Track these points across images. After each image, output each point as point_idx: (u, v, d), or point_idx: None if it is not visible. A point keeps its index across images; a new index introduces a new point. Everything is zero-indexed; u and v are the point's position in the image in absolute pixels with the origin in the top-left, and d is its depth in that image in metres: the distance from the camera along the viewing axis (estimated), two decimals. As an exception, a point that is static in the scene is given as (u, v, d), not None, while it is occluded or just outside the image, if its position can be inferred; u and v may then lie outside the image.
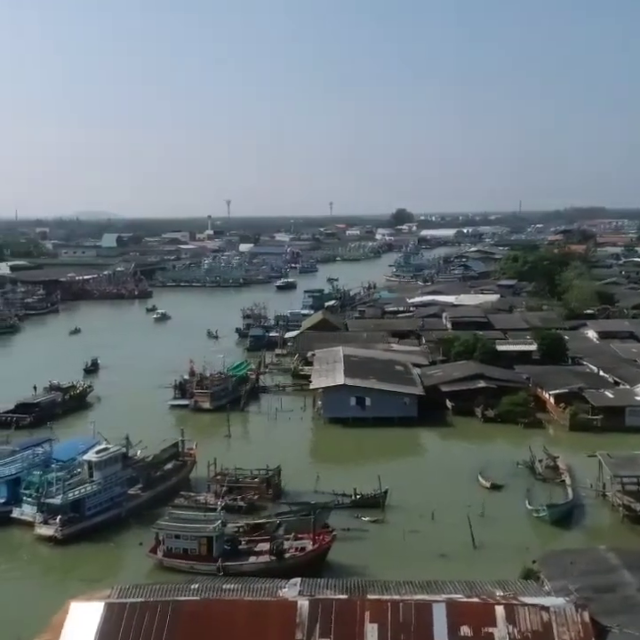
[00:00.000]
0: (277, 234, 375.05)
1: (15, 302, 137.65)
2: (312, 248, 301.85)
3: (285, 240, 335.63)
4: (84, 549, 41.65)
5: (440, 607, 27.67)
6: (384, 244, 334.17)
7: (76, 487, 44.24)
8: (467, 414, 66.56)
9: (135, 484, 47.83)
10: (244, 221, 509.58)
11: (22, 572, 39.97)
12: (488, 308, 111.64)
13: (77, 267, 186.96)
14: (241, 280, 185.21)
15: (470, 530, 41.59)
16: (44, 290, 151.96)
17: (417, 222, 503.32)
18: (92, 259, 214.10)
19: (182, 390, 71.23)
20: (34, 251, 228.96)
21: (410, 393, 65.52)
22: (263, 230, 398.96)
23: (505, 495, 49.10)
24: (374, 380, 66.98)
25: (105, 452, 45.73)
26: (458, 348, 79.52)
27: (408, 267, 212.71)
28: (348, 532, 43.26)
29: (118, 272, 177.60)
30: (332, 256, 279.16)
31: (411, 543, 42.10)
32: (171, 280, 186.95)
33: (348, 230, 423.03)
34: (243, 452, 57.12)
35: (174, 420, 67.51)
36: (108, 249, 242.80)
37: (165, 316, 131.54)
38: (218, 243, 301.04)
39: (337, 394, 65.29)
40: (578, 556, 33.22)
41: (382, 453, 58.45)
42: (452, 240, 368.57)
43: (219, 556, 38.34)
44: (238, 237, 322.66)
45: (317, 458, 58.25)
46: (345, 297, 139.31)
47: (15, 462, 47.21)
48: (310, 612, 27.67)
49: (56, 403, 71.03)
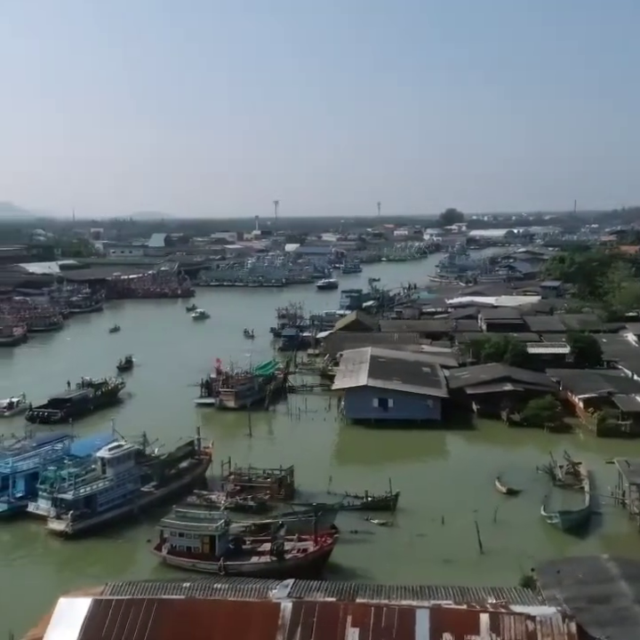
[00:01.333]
0: (325, 234, 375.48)
1: (60, 300, 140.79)
2: (358, 248, 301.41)
3: (332, 240, 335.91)
4: (93, 545, 42.34)
5: (423, 613, 27.31)
6: (431, 245, 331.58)
7: (89, 483, 44.95)
8: (492, 417, 65.57)
9: (149, 481, 48.42)
10: (293, 222, 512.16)
11: (32, 565, 40.87)
12: (527, 310, 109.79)
13: (124, 266, 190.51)
14: (283, 280, 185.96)
15: (477, 535, 40.96)
16: (90, 288, 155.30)
17: (467, 222, 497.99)
18: (138, 258, 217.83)
19: (208, 389, 71.91)
20: (83, 250, 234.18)
21: (433, 395, 64.85)
22: (311, 230, 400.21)
23: (520, 501, 48.18)
24: (398, 381, 66.48)
25: (118, 450, 46.42)
26: (488, 350, 78.40)
27: (452, 267, 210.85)
28: (355, 534, 43.11)
29: (162, 271, 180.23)
30: (378, 256, 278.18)
31: (416, 547, 41.68)
32: (214, 279, 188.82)
33: (396, 230, 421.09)
34: (262, 452, 57.41)
35: (199, 419, 68.12)
36: (155, 248, 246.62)
37: (204, 315, 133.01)
38: (264, 243, 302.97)
39: (359, 395, 65.04)
40: (577, 565, 32.42)
41: (402, 456, 58.06)
42: (502, 240, 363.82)
43: (221, 556, 38.52)
44: (284, 237, 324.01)
45: (336, 459, 58.05)
46: (383, 297, 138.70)
47: (33, 457, 48.15)
48: (293, 615, 27.61)
49: (87, 399, 72.48)
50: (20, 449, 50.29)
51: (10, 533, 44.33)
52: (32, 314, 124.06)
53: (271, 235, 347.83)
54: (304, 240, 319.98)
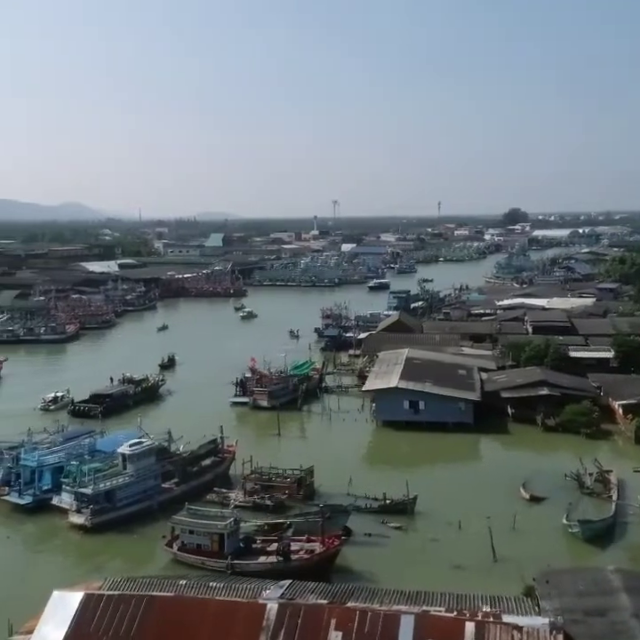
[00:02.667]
0: (384, 234, 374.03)
1: (115, 299, 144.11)
2: (415, 248, 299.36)
3: (390, 240, 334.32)
4: (111, 539, 43.17)
5: (408, 619, 26.99)
6: (491, 245, 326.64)
7: (110, 478, 45.88)
8: (527, 422, 64.10)
9: (171, 477, 49.09)
10: (353, 222, 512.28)
11: (50, 556, 42.03)
12: (578, 313, 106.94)
13: (180, 265, 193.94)
14: (336, 280, 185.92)
15: (491, 542, 40.16)
16: (145, 287, 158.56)
17: (531, 222, 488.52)
18: (195, 258, 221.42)
19: (243, 388, 72.45)
20: (143, 250, 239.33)
21: (464, 398, 63.83)
22: (371, 230, 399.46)
23: (544, 508, 46.97)
24: (430, 383, 65.66)
25: (138, 446, 47.20)
26: (528, 354, 76.73)
27: (509, 268, 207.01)
28: (369, 537, 42.82)
29: (216, 271, 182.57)
30: (435, 257, 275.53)
31: (429, 552, 41.16)
32: (267, 279, 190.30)
33: (457, 230, 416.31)
34: (288, 451, 57.62)
35: (232, 417, 68.89)
36: (212, 248, 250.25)
37: (252, 314, 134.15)
38: (322, 243, 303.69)
39: (390, 396, 64.50)
40: (579, 576, 31.42)
41: (429, 459, 57.40)
42: (566, 241, 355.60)
43: (230, 554, 38.73)
44: (341, 237, 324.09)
45: (362, 460, 57.65)
46: (432, 298, 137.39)
47: (59, 452, 49.41)
48: (278, 616, 27.63)
49: (127, 394, 74.06)
50: (49, 443, 51.69)
51: (34, 525, 45.62)
52: (85, 312, 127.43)
53: (329, 235, 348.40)
54: (361, 240, 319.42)
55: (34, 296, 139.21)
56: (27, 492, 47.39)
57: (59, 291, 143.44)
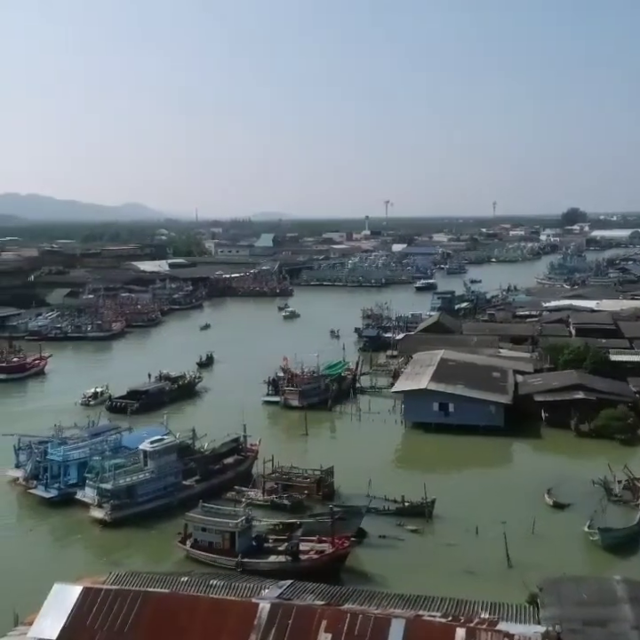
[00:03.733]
0: (437, 234, 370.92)
1: (163, 297, 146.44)
2: (467, 249, 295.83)
3: (443, 241, 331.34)
4: (129, 534, 43.87)
5: (399, 623, 26.76)
6: (547, 246, 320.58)
7: (131, 474, 46.65)
8: (561, 427, 62.61)
9: (193, 475, 49.62)
10: (407, 222, 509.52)
11: (69, 549, 42.92)
12: (627, 315, 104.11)
13: (229, 265, 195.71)
14: (383, 280, 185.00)
15: (506, 548, 39.48)
16: (193, 286, 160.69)
17: (590, 222, 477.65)
18: (245, 257, 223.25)
19: (275, 387, 72.76)
20: (194, 250, 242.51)
21: (495, 401, 62.81)
22: (424, 230, 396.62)
23: (567, 515, 45.85)
24: (462, 385, 64.82)
25: (159, 443, 47.86)
26: (566, 357, 75.08)
27: (562, 269, 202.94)
28: (383, 539, 42.56)
29: (264, 270, 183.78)
30: (487, 257, 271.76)
31: (443, 556, 40.60)
32: (315, 279, 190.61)
33: (512, 231, 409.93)
34: (314, 452, 57.67)
35: (263, 416, 69.29)
36: (262, 248, 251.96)
37: (294, 313, 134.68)
38: (373, 243, 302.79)
39: (419, 398, 63.89)
40: (584, 585, 30.62)
41: (455, 462, 56.65)
42: (626, 241, 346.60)
43: (241, 552, 38.95)
44: (392, 238, 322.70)
45: (386, 461, 56.99)
46: (478, 299, 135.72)
47: (85, 447, 50.48)
48: (269, 616, 27.68)
49: (163, 391, 75.19)
50: (77, 438, 52.84)
51: (57, 518, 46.63)
52: (132, 310, 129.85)
53: (381, 235, 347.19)
54: (412, 240, 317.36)
55: (83, 294, 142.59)
56: (52, 486, 48.51)
57: (108, 289, 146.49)
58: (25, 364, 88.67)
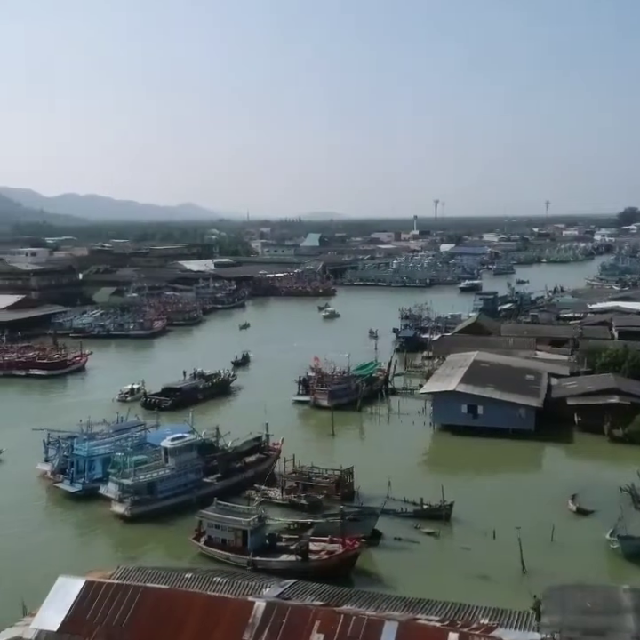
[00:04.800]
0: (487, 234, 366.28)
1: (206, 296, 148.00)
2: (517, 249, 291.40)
3: (493, 240, 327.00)
4: (147, 529, 44.44)
5: (391, 626, 26.60)
6: (600, 246, 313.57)
7: (152, 470, 47.29)
8: (594, 431, 61.22)
9: (215, 472, 50.02)
10: (458, 222, 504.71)
11: (87, 543, 43.67)
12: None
13: (274, 265, 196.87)
14: (427, 280, 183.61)
15: (520, 553, 38.76)
16: (236, 285, 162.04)
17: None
18: (290, 257, 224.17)
19: (306, 386, 72.89)
20: (241, 249, 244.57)
21: (525, 404, 61.73)
22: (475, 230, 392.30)
23: (589, 521, 44.82)
24: (492, 388, 63.87)
25: (179, 440, 48.39)
26: (604, 360, 73.39)
27: (613, 270, 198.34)
28: (398, 541, 42.27)
29: (307, 270, 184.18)
30: (537, 257, 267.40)
31: (457, 560, 40.12)
32: (358, 279, 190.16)
33: (565, 231, 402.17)
34: (338, 452, 57.65)
35: (292, 415, 69.55)
36: (308, 248, 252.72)
37: (334, 313, 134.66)
38: (421, 243, 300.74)
39: (448, 400, 63.18)
40: (589, 593, 29.89)
41: (481, 465, 55.90)
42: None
43: (253, 551, 39.14)
44: (440, 238, 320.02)
45: (411, 463, 56.45)
46: (523, 300, 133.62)
47: (110, 443, 51.38)
48: (264, 615, 27.77)
49: (197, 389, 76.07)
50: (105, 434, 53.81)
51: (80, 512, 47.55)
52: (174, 308, 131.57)
53: (429, 235, 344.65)
54: (461, 240, 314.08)
55: (127, 293, 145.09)
56: (78, 481, 49.51)
57: (152, 288, 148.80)
58: (65, 360, 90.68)
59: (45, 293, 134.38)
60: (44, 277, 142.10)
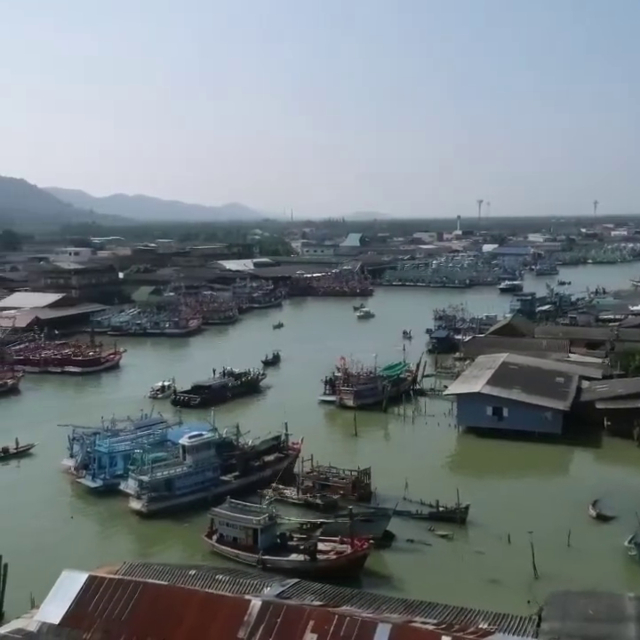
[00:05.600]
0: (532, 234, 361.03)
1: (242, 296, 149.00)
2: (562, 249, 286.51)
3: (538, 241, 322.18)
4: (162, 526, 44.89)
5: (384, 628, 26.43)
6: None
7: (169, 468, 47.79)
8: (624, 436, 59.80)
9: (233, 471, 50.30)
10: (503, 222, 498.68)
11: (102, 538, 44.27)
12: None
13: (312, 264, 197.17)
14: (467, 281, 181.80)
15: (533, 558, 38.13)
16: (274, 285, 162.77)
17: None
18: (329, 257, 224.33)
19: (332, 386, 72.82)
20: (281, 249, 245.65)
21: (551, 407, 60.64)
22: (520, 230, 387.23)
23: (609, 528, 43.78)
24: (518, 390, 62.94)
25: (197, 438, 48.79)
26: (638, 362, 71.80)
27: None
28: (411, 543, 41.96)
29: (345, 270, 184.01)
30: (583, 258, 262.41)
31: (468, 563, 39.62)
32: (397, 279, 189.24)
33: (614, 231, 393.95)
34: (359, 452, 57.64)
35: (318, 415, 69.58)
36: (348, 248, 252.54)
37: (369, 314, 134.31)
38: (463, 243, 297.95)
39: (473, 402, 62.43)
40: (592, 600, 29.24)
41: (504, 468, 55.18)
42: None
43: (263, 549, 39.23)
44: (483, 238, 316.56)
45: (432, 465, 55.81)
46: (562, 302, 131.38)
47: (132, 440, 52.09)
48: (259, 614, 27.83)
49: (226, 387, 76.71)
50: (128, 431, 54.56)
51: (100, 507, 48.32)
52: (210, 307, 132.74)
53: (472, 235, 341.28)
54: (504, 240, 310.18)
55: (165, 292, 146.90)
56: (99, 477, 50.33)
57: (189, 287, 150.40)
58: (99, 358, 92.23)
59: (85, 292, 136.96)
60: (85, 276, 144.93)
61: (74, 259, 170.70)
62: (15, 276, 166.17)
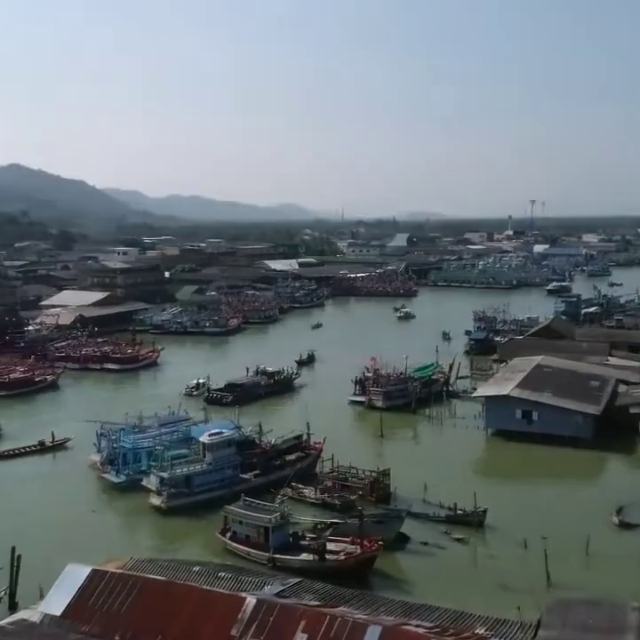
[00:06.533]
0: (587, 235, 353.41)
1: (284, 295, 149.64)
2: (617, 250, 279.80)
3: (592, 241, 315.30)
4: (179, 522, 45.39)
5: (375, 630, 26.36)
6: None
7: (190, 465, 48.29)
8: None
9: (254, 469, 50.58)
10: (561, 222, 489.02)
11: (120, 532, 45.01)
12: None
13: (358, 264, 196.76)
14: (514, 282, 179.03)
15: (546, 566, 37.36)
16: (317, 285, 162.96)
17: None
18: (374, 257, 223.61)
19: (362, 387, 72.57)
20: (327, 249, 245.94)
21: (582, 411, 59.32)
22: (575, 231, 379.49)
23: (632, 536, 42.65)
24: (550, 393, 61.74)
25: (217, 436, 49.17)
26: (679, 366, 69.69)
27: None
28: (425, 545, 41.57)
29: (389, 270, 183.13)
30: (638, 259, 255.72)
31: (480, 568, 39.17)
32: (442, 280, 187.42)
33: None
34: (383, 453, 57.50)
35: (347, 415, 69.46)
36: (395, 248, 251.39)
37: (409, 314, 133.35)
38: (514, 243, 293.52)
39: (502, 404, 61.41)
40: (594, 608, 28.53)
41: (528, 472, 54.33)
42: None
43: (274, 548, 39.33)
44: (534, 238, 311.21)
45: (455, 468, 54.95)
46: (609, 304, 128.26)
47: (156, 436, 52.79)
48: (253, 611, 28.03)
49: (259, 385, 77.27)
50: (154, 428, 55.31)
51: (121, 502, 49.18)
52: (250, 307, 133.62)
53: (524, 235, 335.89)
54: (556, 241, 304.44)
55: (207, 291, 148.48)
56: (123, 472, 51.16)
57: (231, 287, 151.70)
58: (137, 355, 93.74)
59: (130, 291, 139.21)
60: (130, 275, 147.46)
61: (121, 258, 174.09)
62: (65, 274, 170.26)
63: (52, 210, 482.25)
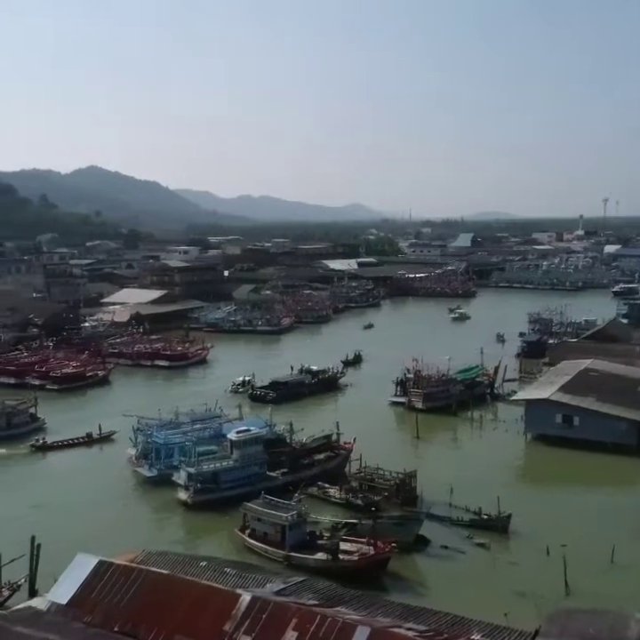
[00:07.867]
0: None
1: (339, 295, 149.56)
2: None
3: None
4: (204, 517, 45.93)
5: (364, 631, 26.12)
6: None
7: (217, 461, 48.85)
8: None
9: (282, 467, 50.79)
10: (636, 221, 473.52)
11: (146, 526, 45.82)
12: None
13: (418, 264, 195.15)
14: (579, 283, 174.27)
15: (564, 574, 36.30)
16: (374, 285, 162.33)
17: None
18: (435, 257, 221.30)
19: (403, 388, 71.98)
20: (388, 249, 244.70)
21: (627, 417, 57.32)
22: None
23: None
24: (592, 398, 59.91)
25: (244, 434, 49.54)
26: None
27: None
28: (445, 549, 40.96)
29: (448, 271, 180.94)
30: None
31: (499, 574, 38.32)
32: (504, 280, 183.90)
33: None
34: (420, 455, 57.26)
35: (387, 416, 69.06)
36: (456, 248, 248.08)
37: (464, 315, 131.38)
38: (584, 243, 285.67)
39: (542, 408, 59.92)
40: (595, 619, 27.56)
41: (564, 478, 52.76)
42: None
43: (291, 546, 39.43)
44: (606, 238, 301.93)
45: (491, 472, 54.07)
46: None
47: (187, 432, 53.61)
48: (247, 608, 28.12)
49: (303, 383, 77.68)
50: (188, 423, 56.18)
51: (152, 496, 50.06)
52: (304, 306, 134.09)
53: (596, 235, 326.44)
54: (629, 241, 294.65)
55: (262, 290, 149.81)
56: (155, 467, 52.13)
57: (289, 286, 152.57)
58: (187, 353, 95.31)
59: (188, 289, 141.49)
60: (188, 274, 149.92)
61: (182, 257, 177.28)
62: (128, 273, 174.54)
63: (125, 210, 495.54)
